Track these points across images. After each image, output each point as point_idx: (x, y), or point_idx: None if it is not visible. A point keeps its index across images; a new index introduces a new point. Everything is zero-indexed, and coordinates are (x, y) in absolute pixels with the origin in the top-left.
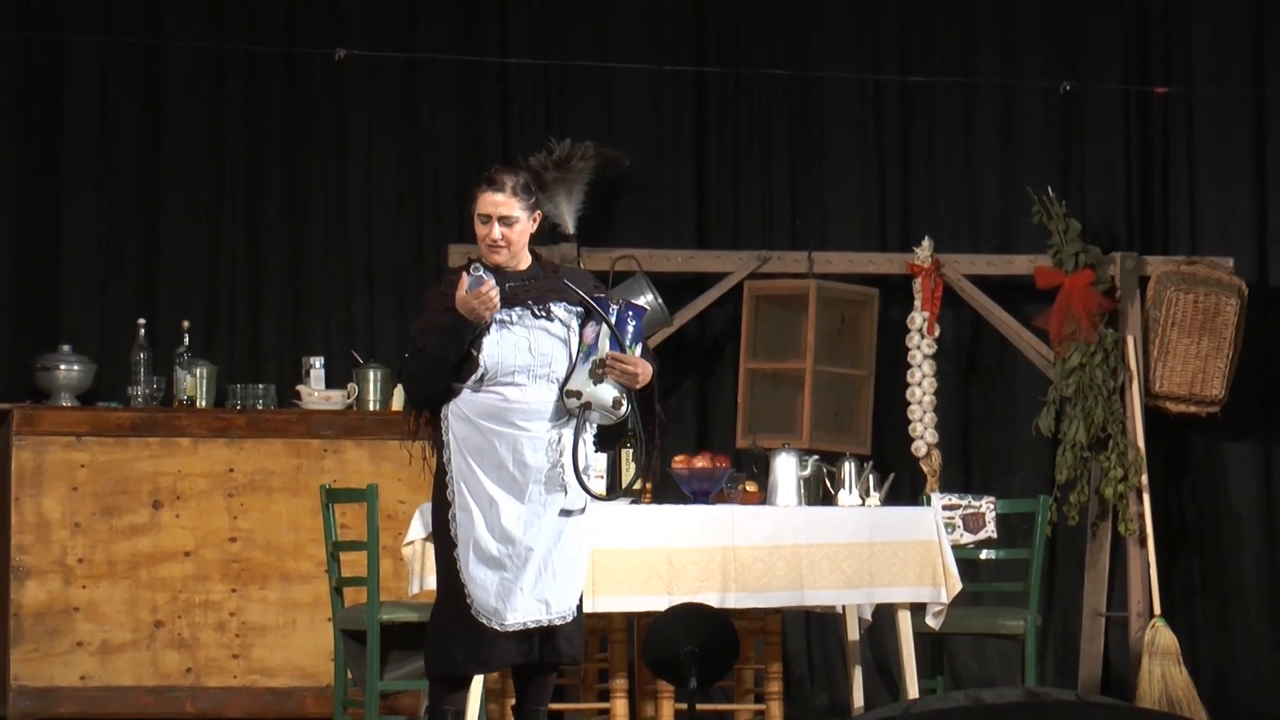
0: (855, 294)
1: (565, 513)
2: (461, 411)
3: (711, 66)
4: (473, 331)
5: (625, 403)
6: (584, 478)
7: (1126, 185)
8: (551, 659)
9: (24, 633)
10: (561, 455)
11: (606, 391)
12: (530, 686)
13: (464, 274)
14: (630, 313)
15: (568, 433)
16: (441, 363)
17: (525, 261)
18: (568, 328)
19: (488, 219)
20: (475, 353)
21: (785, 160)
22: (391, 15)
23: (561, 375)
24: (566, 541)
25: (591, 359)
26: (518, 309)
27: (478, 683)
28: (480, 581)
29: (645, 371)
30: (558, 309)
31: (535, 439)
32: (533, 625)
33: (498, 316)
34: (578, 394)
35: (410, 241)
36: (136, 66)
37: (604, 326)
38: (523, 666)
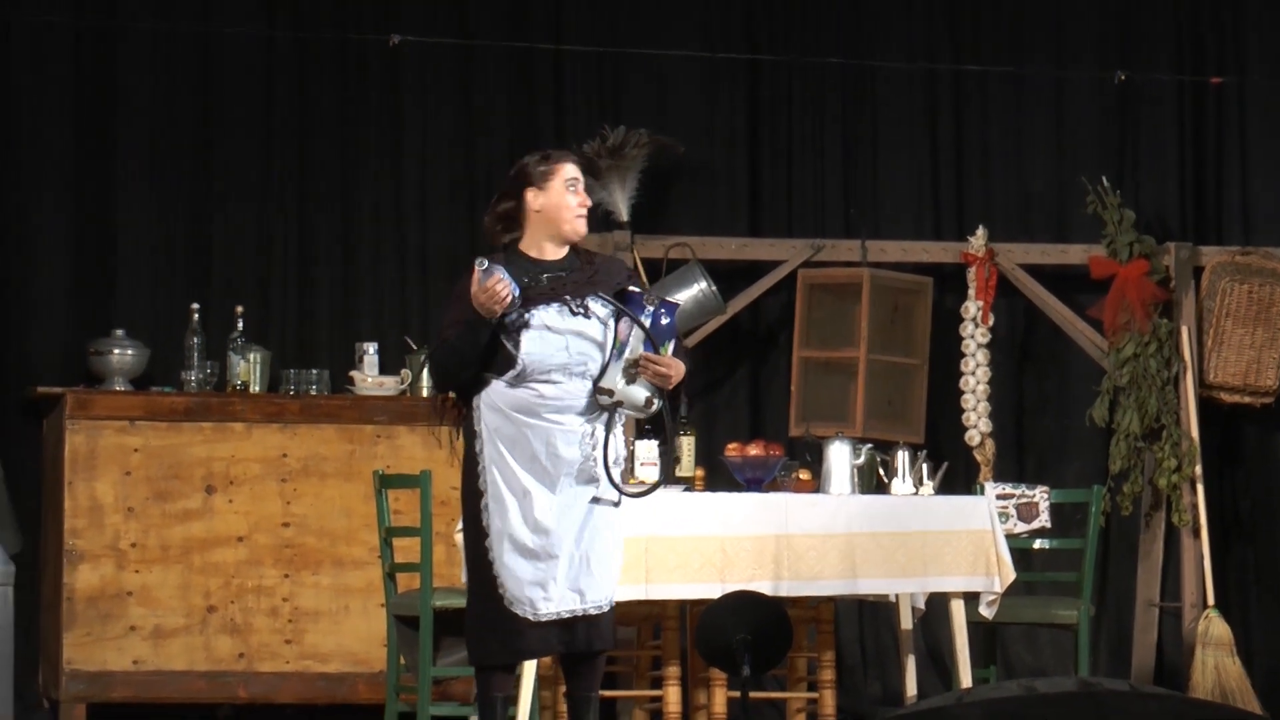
0: (909, 283)
1: (596, 501)
2: (494, 403)
3: (765, 54)
4: (488, 326)
5: (657, 401)
6: (613, 472)
7: (1180, 175)
8: (583, 648)
9: (77, 617)
10: (594, 449)
11: (639, 391)
12: (578, 673)
13: (475, 268)
14: (664, 310)
15: (600, 426)
16: (461, 355)
17: (562, 251)
18: (604, 325)
19: (577, 185)
20: (514, 350)
21: (839, 148)
22: (446, 1)
23: (595, 371)
24: (600, 532)
25: (624, 357)
26: (555, 305)
27: (530, 669)
28: (514, 571)
29: (678, 372)
30: (595, 304)
31: (569, 432)
32: (566, 615)
33: (537, 313)
34: (610, 392)
35: (463, 227)
36: (190, 53)
37: (636, 326)
38: (567, 654)
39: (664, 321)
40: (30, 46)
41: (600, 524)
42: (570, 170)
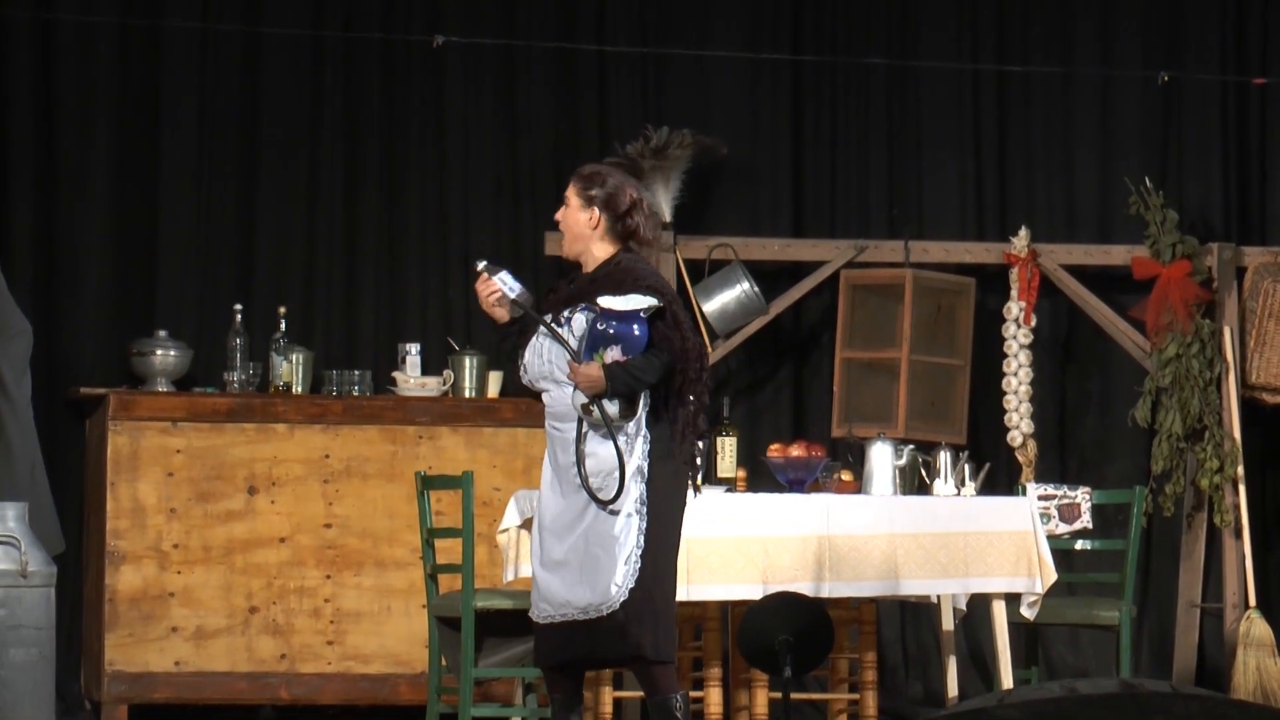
0: (951, 283)
1: (598, 503)
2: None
3: (809, 55)
4: (505, 329)
5: (594, 409)
6: (589, 479)
7: (1224, 176)
8: (598, 655)
9: (119, 618)
10: (576, 457)
11: (577, 398)
12: (642, 678)
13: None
14: (603, 322)
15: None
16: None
17: (593, 261)
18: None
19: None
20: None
21: (882, 149)
22: (490, 2)
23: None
24: (595, 538)
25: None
26: (549, 314)
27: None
28: (535, 577)
29: (583, 379)
30: (579, 316)
31: (565, 439)
32: (560, 620)
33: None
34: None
35: (507, 228)
36: (235, 53)
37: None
38: (589, 662)
39: (600, 328)
40: (74, 46)
41: (596, 530)
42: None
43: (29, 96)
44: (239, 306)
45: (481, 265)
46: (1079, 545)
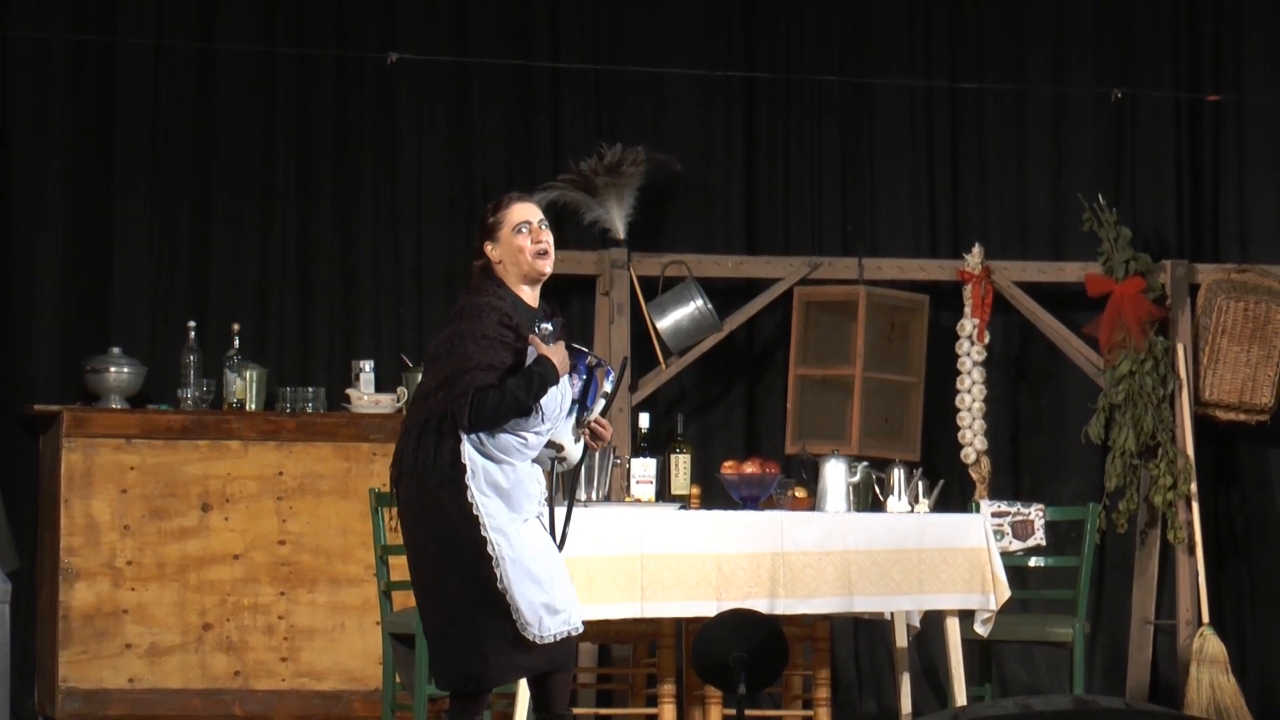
0: (905, 300)
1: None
2: (480, 445)
3: (762, 72)
4: (555, 383)
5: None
6: (555, 514)
7: (1177, 193)
8: (560, 666)
9: (73, 635)
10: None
11: (578, 450)
12: (554, 695)
13: (534, 333)
14: (609, 372)
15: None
16: (521, 407)
17: (535, 293)
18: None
19: (528, 226)
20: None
21: (836, 166)
22: (443, 19)
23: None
24: (560, 558)
25: (573, 417)
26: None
27: (525, 691)
28: (526, 595)
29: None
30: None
31: (535, 471)
32: (561, 637)
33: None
34: (560, 447)
35: (460, 245)
36: (189, 69)
37: (593, 385)
38: (545, 673)
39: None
40: (28, 62)
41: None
42: (517, 214)
43: None
44: (193, 323)
45: (552, 329)
46: (1033, 562)
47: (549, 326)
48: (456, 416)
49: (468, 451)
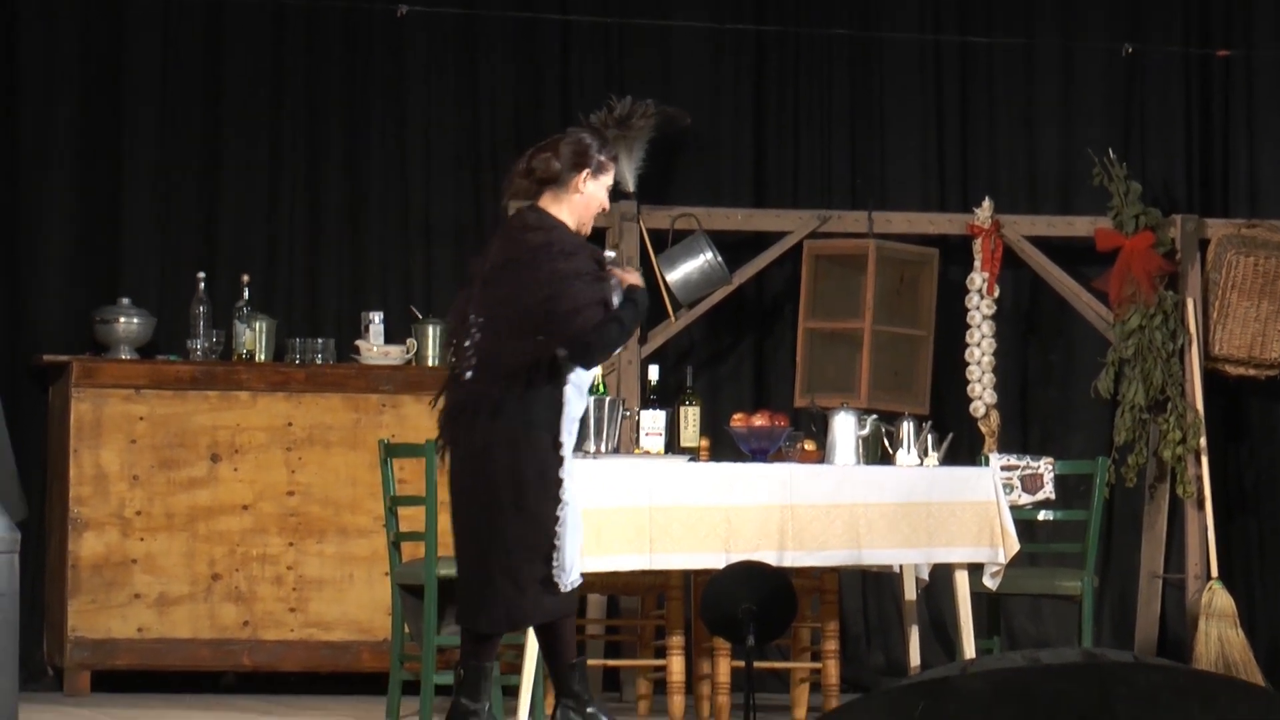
0: (915, 254)
1: None
2: (572, 381)
3: (771, 25)
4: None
5: None
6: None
7: (1187, 148)
8: (573, 611)
9: (81, 584)
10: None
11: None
12: (564, 636)
13: (607, 259)
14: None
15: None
16: (627, 338)
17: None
18: None
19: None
20: None
21: (845, 120)
22: None
23: None
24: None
25: None
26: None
27: (534, 641)
28: (575, 541)
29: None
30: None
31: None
32: (575, 586)
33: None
34: None
35: (468, 197)
36: (197, 21)
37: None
38: (555, 620)
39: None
40: (37, 11)
41: None
42: (613, 173)
43: None
44: (202, 274)
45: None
46: (1041, 516)
47: (612, 254)
48: (578, 355)
49: (568, 393)
